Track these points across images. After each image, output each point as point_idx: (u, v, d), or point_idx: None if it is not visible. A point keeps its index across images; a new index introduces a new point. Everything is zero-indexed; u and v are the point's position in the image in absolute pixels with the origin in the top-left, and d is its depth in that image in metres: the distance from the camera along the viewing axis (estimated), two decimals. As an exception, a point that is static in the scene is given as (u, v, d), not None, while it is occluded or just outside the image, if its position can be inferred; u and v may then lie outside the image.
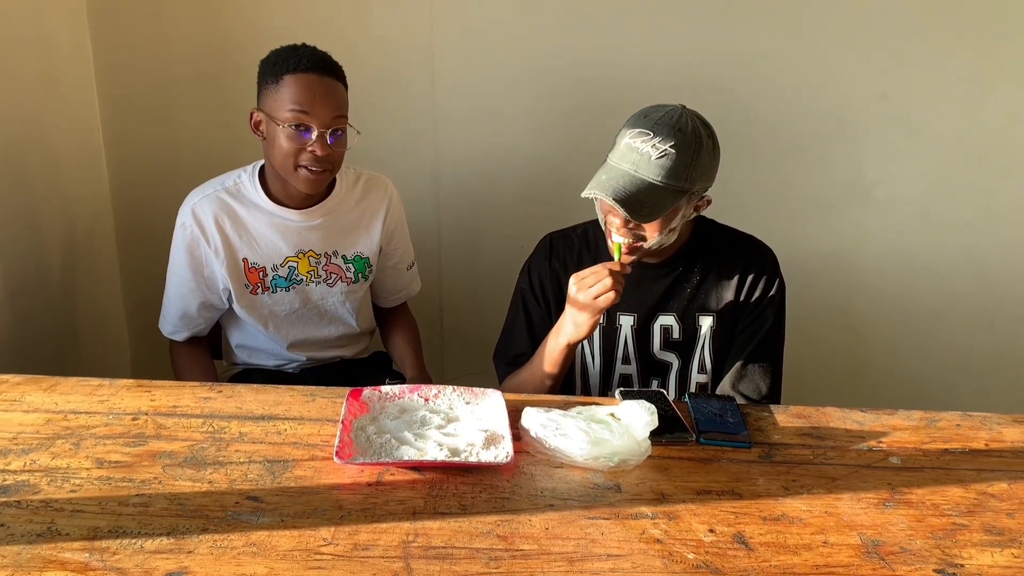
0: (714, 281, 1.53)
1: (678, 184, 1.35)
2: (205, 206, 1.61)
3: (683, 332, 1.53)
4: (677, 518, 1.04)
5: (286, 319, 1.71)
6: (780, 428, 1.29)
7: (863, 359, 2.44)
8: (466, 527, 1.01)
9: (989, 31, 2.13)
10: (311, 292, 1.70)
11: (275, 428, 1.23)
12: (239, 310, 1.68)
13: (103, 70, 2.17)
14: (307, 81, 1.48)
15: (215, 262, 1.63)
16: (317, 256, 1.67)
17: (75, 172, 2.10)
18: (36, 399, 1.30)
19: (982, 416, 1.34)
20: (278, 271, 1.65)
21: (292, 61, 1.50)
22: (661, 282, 1.53)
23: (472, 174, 2.29)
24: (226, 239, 1.61)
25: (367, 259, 1.72)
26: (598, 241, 1.57)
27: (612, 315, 1.54)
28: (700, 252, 1.53)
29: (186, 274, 1.64)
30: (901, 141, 2.23)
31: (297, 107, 1.48)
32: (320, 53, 1.54)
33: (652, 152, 1.33)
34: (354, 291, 1.74)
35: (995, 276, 2.33)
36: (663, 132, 1.34)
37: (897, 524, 1.04)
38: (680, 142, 1.34)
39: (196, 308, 1.68)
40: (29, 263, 1.88)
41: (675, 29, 2.15)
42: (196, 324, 1.72)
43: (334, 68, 1.54)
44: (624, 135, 1.39)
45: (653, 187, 1.34)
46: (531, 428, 1.19)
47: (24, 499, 1.03)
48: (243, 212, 1.62)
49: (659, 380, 1.56)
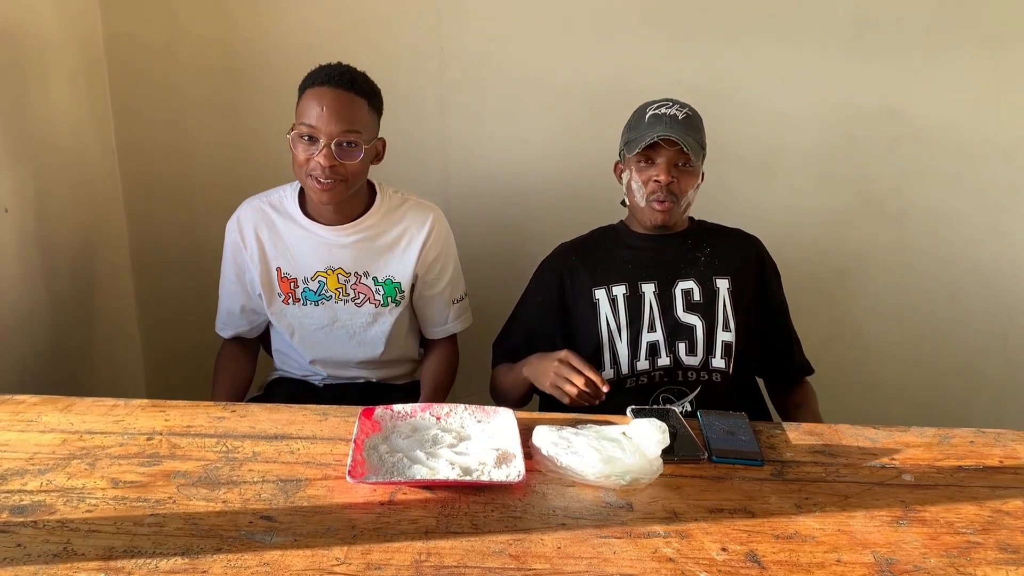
0: (722, 251, 1.67)
1: (701, 140, 1.61)
2: (249, 215, 1.70)
3: (703, 294, 1.62)
4: (689, 537, 1.04)
5: (313, 334, 1.74)
6: (792, 445, 1.29)
7: (874, 375, 2.43)
8: (478, 546, 1.01)
9: (997, 45, 2.13)
10: (339, 310, 1.71)
11: (288, 447, 1.24)
12: (270, 316, 1.74)
13: (118, 96, 2.21)
14: (320, 93, 1.53)
15: (252, 268, 1.71)
16: (347, 274, 1.69)
17: (90, 195, 2.12)
18: (52, 419, 1.31)
19: (996, 433, 1.34)
20: (308, 284, 1.69)
21: (316, 76, 1.56)
22: (676, 251, 1.66)
23: (481, 193, 2.30)
24: (262, 248, 1.69)
25: (398, 284, 1.71)
26: (608, 241, 1.71)
27: (635, 283, 1.63)
28: (702, 233, 1.71)
29: (231, 276, 1.75)
30: (910, 156, 2.23)
31: (306, 118, 1.53)
32: (343, 68, 1.57)
33: (678, 113, 1.58)
34: (382, 315, 1.73)
35: (1007, 291, 2.32)
36: (678, 102, 1.61)
37: (911, 542, 1.04)
38: (692, 109, 1.62)
39: (239, 310, 1.78)
40: (45, 285, 1.90)
41: (685, 46, 2.16)
42: (239, 325, 1.80)
43: (354, 82, 1.55)
44: (643, 113, 1.61)
45: (690, 138, 1.56)
46: (542, 446, 1.19)
47: (40, 519, 1.04)
48: (281, 223, 1.69)
49: (686, 343, 1.60)
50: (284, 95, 2.22)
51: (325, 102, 1.52)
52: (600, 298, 1.63)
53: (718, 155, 1.76)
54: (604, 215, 1.81)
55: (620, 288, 1.63)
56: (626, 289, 1.63)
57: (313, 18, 2.17)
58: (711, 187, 1.76)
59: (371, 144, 1.58)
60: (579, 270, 1.66)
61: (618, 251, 1.67)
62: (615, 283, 1.63)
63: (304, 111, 1.54)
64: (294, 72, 1.61)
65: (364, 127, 1.56)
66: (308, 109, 1.53)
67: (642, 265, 1.64)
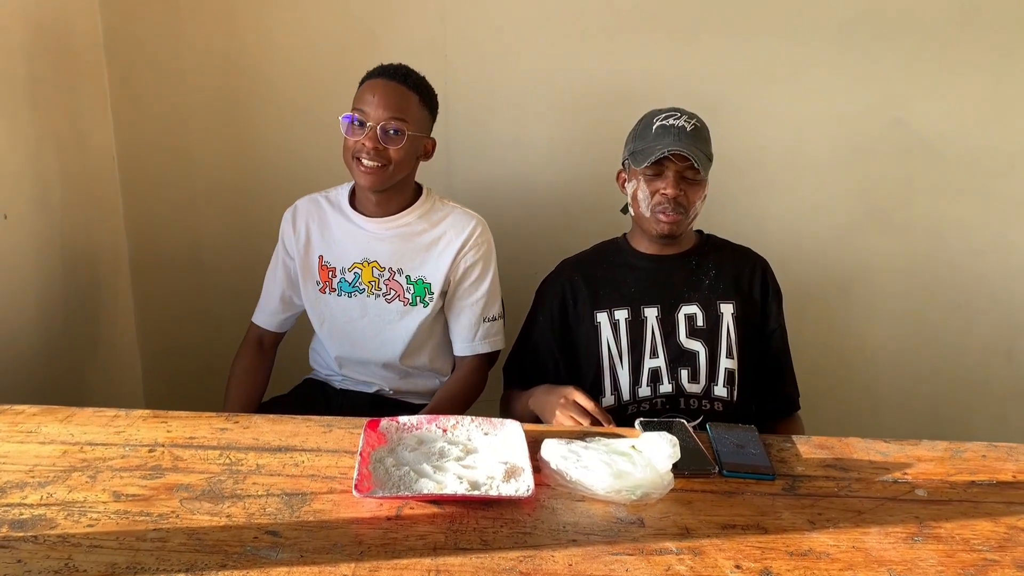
0: (728, 273, 1.64)
1: (708, 151, 1.59)
2: (305, 204, 1.79)
3: (706, 319, 1.60)
4: (702, 554, 1.02)
5: (343, 326, 1.76)
6: (803, 459, 1.27)
7: (880, 386, 2.41)
8: (488, 563, 0.99)
9: (1004, 55, 2.12)
10: (369, 304, 1.74)
11: (292, 460, 1.22)
12: (304, 302, 1.80)
13: (118, 100, 2.19)
14: (374, 84, 1.63)
15: (296, 255, 1.78)
16: (381, 269, 1.72)
17: (90, 201, 2.11)
18: (52, 430, 1.29)
19: (1008, 447, 1.32)
20: (345, 275, 1.74)
21: (375, 71, 1.66)
22: (680, 273, 1.63)
23: (484, 198, 2.28)
24: (309, 235, 1.77)
25: (429, 285, 1.72)
26: (610, 259, 1.68)
27: (637, 308, 1.60)
28: (709, 251, 1.67)
29: (278, 262, 1.83)
30: (916, 166, 2.22)
31: (358, 104, 1.62)
32: (401, 65, 1.67)
33: (686, 125, 1.55)
34: (409, 313, 1.73)
35: (1013, 302, 2.31)
36: (685, 112, 1.58)
37: (927, 560, 1.02)
38: (700, 120, 1.60)
39: (279, 296, 1.83)
40: (43, 291, 1.89)
41: (690, 53, 2.16)
42: (274, 314, 1.85)
43: (408, 77, 1.65)
44: (649, 123, 1.58)
45: (698, 150, 1.54)
46: (551, 460, 1.18)
47: (41, 534, 1.02)
48: (331, 214, 1.77)
49: (688, 370, 1.58)
50: (285, 98, 2.22)
51: (377, 91, 1.61)
52: (602, 321, 1.61)
53: (722, 163, 1.75)
54: (607, 221, 1.80)
55: (622, 312, 1.60)
56: (628, 314, 1.60)
57: (316, 22, 2.16)
58: (715, 195, 1.74)
59: (418, 137, 1.65)
60: (581, 290, 1.64)
61: (621, 272, 1.64)
62: (617, 307, 1.61)
63: (358, 99, 1.63)
64: (296, 75, 1.61)
65: (412, 118, 1.63)
66: (362, 96, 1.62)
67: (645, 288, 1.62)
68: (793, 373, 1.70)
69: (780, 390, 1.67)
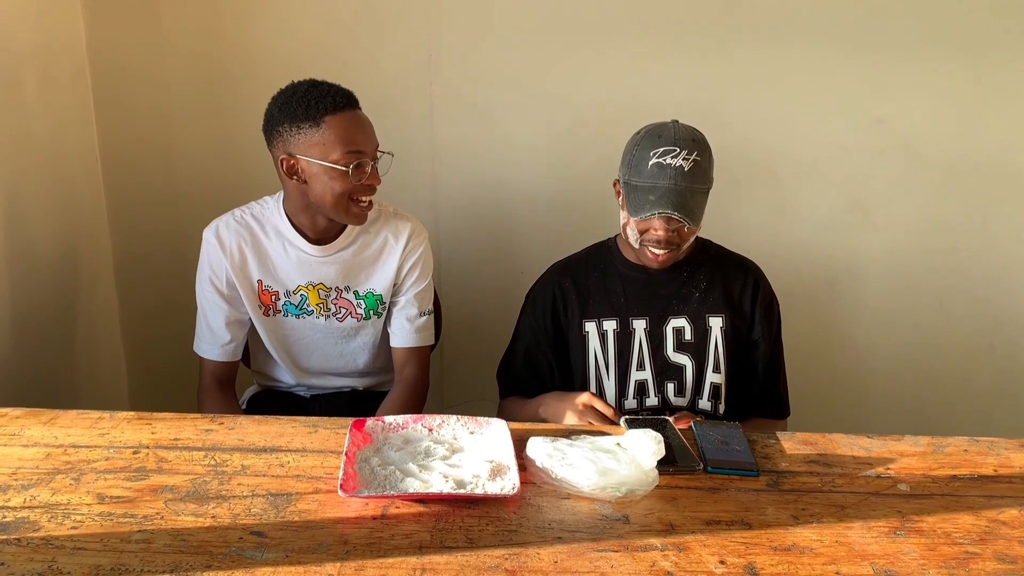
0: (719, 285, 1.60)
1: (708, 185, 1.49)
2: (230, 224, 1.64)
3: (695, 333, 1.58)
4: (687, 550, 1.03)
5: (295, 345, 1.71)
6: (787, 455, 1.28)
7: (864, 383, 2.43)
8: (473, 561, 0.99)
9: (984, 55, 2.15)
10: (319, 325, 1.69)
11: (278, 460, 1.22)
12: (255, 324, 1.69)
13: (101, 103, 2.18)
14: (350, 119, 1.50)
15: (234, 279, 1.64)
16: (327, 289, 1.66)
17: (73, 204, 2.09)
18: (35, 433, 1.28)
19: (989, 441, 1.33)
20: (290, 298, 1.66)
21: (327, 102, 1.49)
22: (670, 286, 1.60)
23: (471, 203, 2.29)
24: (244, 259, 1.64)
25: (379, 296, 1.69)
26: (600, 265, 1.64)
27: (626, 319, 1.58)
28: (703, 262, 1.62)
29: (209, 288, 1.65)
30: (898, 165, 2.24)
31: (353, 147, 1.49)
32: (341, 88, 1.54)
33: (684, 164, 1.44)
34: (364, 327, 1.71)
35: (994, 299, 2.34)
36: (685, 145, 1.46)
37: (909, 553, 1.03)
38: (699, 149, 1.47)
39: (223, 324, 1.66)
40: (26, 294, 1.87)
41: (677, 57, 2.16)
42: (224, 341, 1.67)
43: (355, 98, 1.55)
44: (646, 156, 1.47)
45: (695, 192, 1.46)
46: (537, 458, 1.18)
47: (24, 536, 1.01)
48: (263, 237, 1.65)
49: (675, 384, 1.57)
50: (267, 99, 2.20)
51: (361, 124, 1.52)
52: (590, 331, 1.59)
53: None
54: (595, 225, 1.80)
55: (611, 323, 1.58)
56: (617, 324, 1.58)
57: (300, 24, 2.15)
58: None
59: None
60: (571, 296, 1.62)
61: (611, 281, 1.61)
62: (606, 317, 1.59)
63: (348, 140, 1.49)
64: (280, 79, 1.60)
65: None
66: (350, 137, 1.49)
67: (634, 299, 1.59)
68: (785, 383, 1.68)
69: (768, 399, 1.66)
